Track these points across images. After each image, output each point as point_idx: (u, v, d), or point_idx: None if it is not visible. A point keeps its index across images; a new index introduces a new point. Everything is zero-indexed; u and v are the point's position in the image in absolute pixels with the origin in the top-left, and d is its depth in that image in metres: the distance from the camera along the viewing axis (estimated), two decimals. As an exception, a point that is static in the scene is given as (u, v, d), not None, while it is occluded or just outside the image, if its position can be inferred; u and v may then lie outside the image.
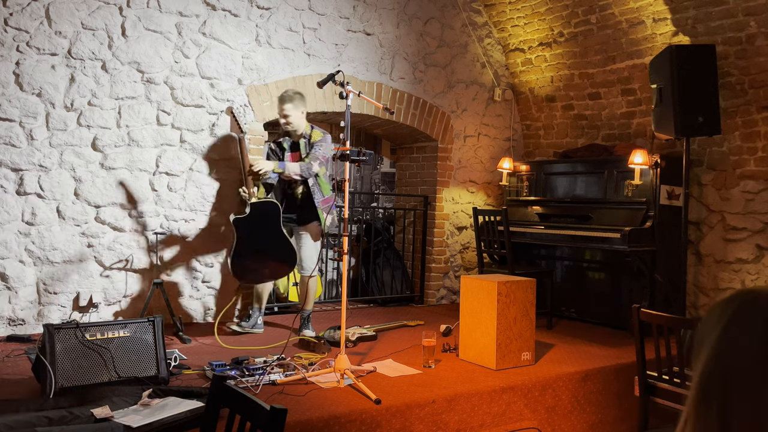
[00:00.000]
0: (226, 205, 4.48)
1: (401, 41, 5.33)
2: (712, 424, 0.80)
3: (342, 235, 3.19)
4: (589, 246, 4.65)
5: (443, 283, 5.74)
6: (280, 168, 3.96)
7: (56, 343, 2.69)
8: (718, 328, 0.84)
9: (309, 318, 4.19)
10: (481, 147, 5.90)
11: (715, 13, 4.30)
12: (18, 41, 3.78)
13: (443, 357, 3.65)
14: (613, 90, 5.25)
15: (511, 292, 3.44)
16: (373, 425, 2.68)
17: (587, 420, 3.44)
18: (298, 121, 4.04)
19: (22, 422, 2.21)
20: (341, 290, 3.31)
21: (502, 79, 6.01)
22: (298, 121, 4.04)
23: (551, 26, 5.41)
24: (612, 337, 4.36)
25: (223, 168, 4.48)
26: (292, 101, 3.99)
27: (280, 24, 4.69)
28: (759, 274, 4.38)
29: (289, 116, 4.00)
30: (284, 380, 2.97)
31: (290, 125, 4.03)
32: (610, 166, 4.77)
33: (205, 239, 4.43)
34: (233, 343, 3.82)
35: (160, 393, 2.67)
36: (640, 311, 2.72)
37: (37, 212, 3.90)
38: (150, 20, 4.18)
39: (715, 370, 0.82)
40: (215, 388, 1.61)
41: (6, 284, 3.83)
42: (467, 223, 5.82)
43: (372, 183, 6.07)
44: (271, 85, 4.64)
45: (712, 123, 4.15)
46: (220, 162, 4.47)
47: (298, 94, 4.04)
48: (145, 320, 2.96)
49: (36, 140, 3.87)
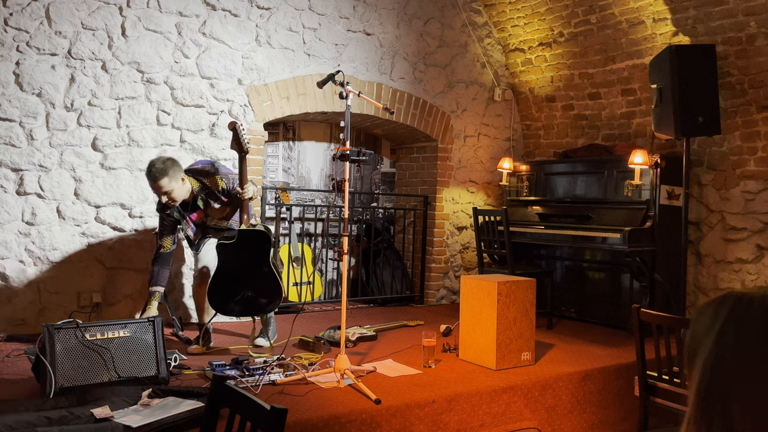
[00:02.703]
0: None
1: (401, 41, 5.33)
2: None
3: (342, 235, 3.19)
4: (589, 246, 4.65)
5: (443, 283, 5.74)
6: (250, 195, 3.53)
7: (56, 343, 2.69)
8: (712, 334, 0.80)
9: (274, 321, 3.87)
10: (481, 147, 5.90)
11: (715, 13, 4.30)
12: (18, 41, 3.78)
13: (443, 357, 3.65)
14: (613, 90, 5.25)
15: (511, 292, 3.44)
16: (373, 425, 2.68)
17: (587, 420, 3.44)
18: (180, 191, 3.47)
19: (22, 422, 2.21)
20: (341, 290, 3.31)
21: (502, 79, 6.01)
22: (180, 191, 3.48)
23: (551, 26, 5.41)
24: (612, 337, 4.36)
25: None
26: (165, 174, 3.36)
27: (280, 24, 4.69)
28: (759, 274, 4.38)
29: (171, 191, 3.42)
30: (284, 380, 2.97)
31: (175, 201, 3.48)
32: (610, 166, 4.77)
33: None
34: (233, 342, 3.82)
35: (160, 393, 2.67)
36: (640, 311, 2.72)
37: (37, 212, 3.90)
38: (150, 20, 4.18)
39: (712, 379, 0.78)
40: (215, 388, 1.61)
41: (6, 284, 3.83)
42: (467, 223, 5.82)
43: (372, 183, 6.07)
44: (271, 85, 4.64)
45: (712, 123, 4.16)
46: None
47: (169, 161, 3.41)
48: (145, 320, 2.96)
49: (36, 140, 3.87)
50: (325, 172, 5.69)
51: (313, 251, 5.44)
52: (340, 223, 5.41)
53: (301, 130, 5.54)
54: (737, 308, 0.79)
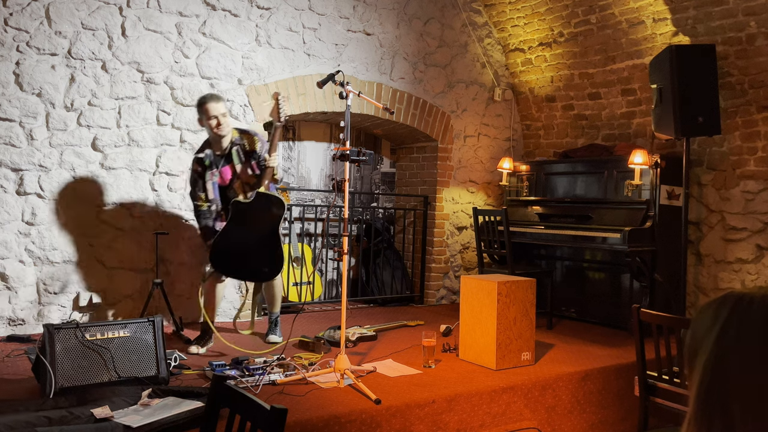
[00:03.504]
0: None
1: (401, 41, 5.33)
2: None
3: (342, 235, 3.19)
4: (589, 246, 4.65)
5: (443, 283, 5.74)
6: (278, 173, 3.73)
7: (56, 343, 2.69)
8: (712, 335, 0.79)
9: (277, 322, 3.91)
10: (481, 147, 5.90)
11: (715, 13, 4.30)
12: (18, 41, 3.78)
13: (443, 357, 3.65)
14: (613, 90, 5.25)
15: (511, 292, 3.44)
16: (373, 425, 2.68)
17: (587, 420, 3.44)
18: (227, 122, 3.60)
19: (22, 422, 2.20)
20: (341, 290, 3.31)
21: (502, 79, 6.01)
22: (226, 122, 3.60)
23: (551, 26, 5.41)
24: (612, 337, 4.36)
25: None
26: (219, 100, 3.57)
27: (280, 24, 4.69)
28: (759, 274, 4.38)
29: (224, 114, 3.57)
30: (284, 380, 2.97)
31: (222, 128, 3.57)
32: (610, 166, 4.77)
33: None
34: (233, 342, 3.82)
35: (160, 393, 2.67)
36: (640, 311, 2.72)
37: (37, 212, 3.90)
38: (150, 20, 4.18)
39: (713, 380, 0.77)
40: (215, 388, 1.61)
41: (6, 284, 3.83)
42: (467, 223, 5.82)
43: (372, 183, 6.07)
44: (271, 85, 4.64)
45: (712, 123, 4.15)
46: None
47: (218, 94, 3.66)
48: (145, 320, 2.96)
49: (36, 140, 3.87)
50: (325, 172, 5.69)
51: (313, 251, 5.45)
52: (340, 223, 5.41)
53: (301, 130, 5.54)
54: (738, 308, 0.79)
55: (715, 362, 0.78)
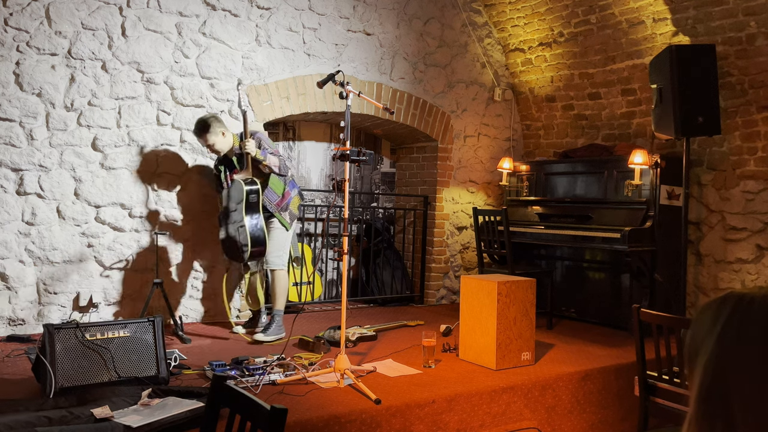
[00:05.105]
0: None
1: (401, 41, 5.33)
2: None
3: (342, 235, 3.19)
4: (589, 246, 4.65)
5: (443, 283, 5.74)
6: (262, 155, 3.86)
7: (56, 343, 2.69)
8: (713, 335, 0.78)
9: (274, 319, 3.89)
10: (481, 147, 5.90)
11: (715, 13, 4.30)
12: (18, 41, 3.78)
13: (443, 357, 3.65)
14: (613, 90, 5.25)
15: (511, 292, 3.44)
16: (373, 425, 2.68)
17: (587, 420, 3.44)
18: (222, 143, 3.94)
19: (22, 422, 2.20)
20: (341, 290, 3.31)
21: (502, 79, 6.01)
22: (222, 144, 3.94)
23: (551, 26, 5.41)
24: (612, 337, 4.36)
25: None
26: (206, 130, 3.87)
27: (280, 24, 4.69)
28: (759, 274, 4.38)
29: (213, 144, 3.91)
30: (284, 380, 2.97)
31: (218, 152, 3.99)
32: (610, 166, 4.77)
33: (205, 239, 4.43)
34: (232, 342, 3.82)
35: (160, 393, 2.67)
36: (640, 311, 2.72)
37: (37, 212, 3.90)
38: (150, 20, 4.18)
39: (714, 380, 0.77)
40: (215, 388, 1.61)
41: (6, 284, 3.83)
42: (467, 223, 5.82)
43: (372, 183, 6.07)
44: (271, 85, 4.64)
45: (712, 123, 4.15)
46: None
47: (212, 118, 3.91)
48: (145, 320, 2.96)
49: (36, 140, 3.87)
50: (325, 172, 5.69)
51: (313, 251, 5.45)
52: (340, 223, 5.41)
53: (301, 130, 5.54)
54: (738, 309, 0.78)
55: (715, 362, 0.77)
